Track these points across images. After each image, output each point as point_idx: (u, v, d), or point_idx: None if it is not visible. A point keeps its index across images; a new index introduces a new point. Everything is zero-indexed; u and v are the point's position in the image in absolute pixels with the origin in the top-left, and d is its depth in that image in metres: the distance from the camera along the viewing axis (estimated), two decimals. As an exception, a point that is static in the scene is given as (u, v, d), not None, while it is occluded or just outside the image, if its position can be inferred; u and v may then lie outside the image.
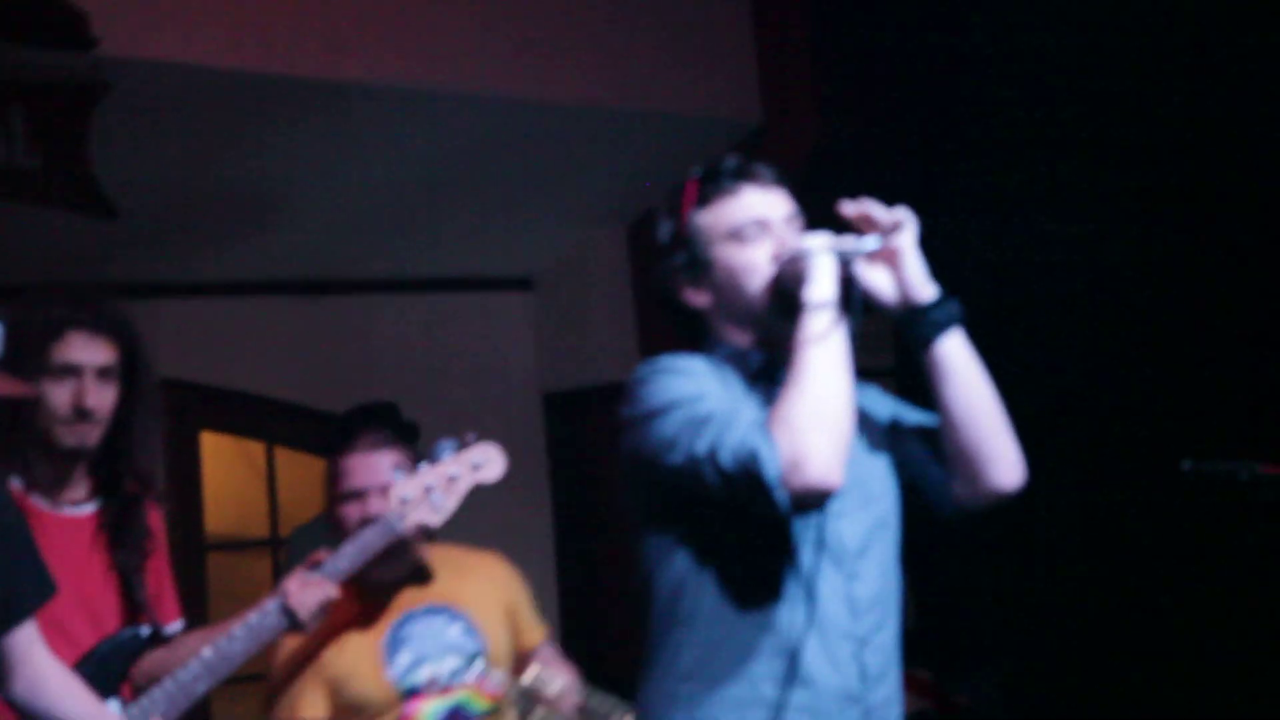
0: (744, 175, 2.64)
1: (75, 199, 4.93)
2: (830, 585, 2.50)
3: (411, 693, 3.50)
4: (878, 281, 2.59)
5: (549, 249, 6.77)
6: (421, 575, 3.66)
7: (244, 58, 4.89)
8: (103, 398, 3.18)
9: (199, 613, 6.16)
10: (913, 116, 5.97)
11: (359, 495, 3.60)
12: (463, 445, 3.58)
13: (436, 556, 3.69)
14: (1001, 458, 2.58)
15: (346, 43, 5.12)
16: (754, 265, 2.58)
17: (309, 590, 3.33)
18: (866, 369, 6.61)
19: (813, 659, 2.47)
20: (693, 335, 2.68)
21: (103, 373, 3.19)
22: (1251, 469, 3.47)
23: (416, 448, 3.76)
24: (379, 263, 6.51)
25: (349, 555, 3.42)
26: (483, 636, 3.61)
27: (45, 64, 4.67)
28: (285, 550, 5.49)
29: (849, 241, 2.51)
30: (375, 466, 3.63)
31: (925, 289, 2.57)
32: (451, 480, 3.52)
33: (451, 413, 5.42)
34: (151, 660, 3.32)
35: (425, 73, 5.31)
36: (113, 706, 3.00)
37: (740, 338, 2.62)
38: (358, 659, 3.51)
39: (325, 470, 3.70)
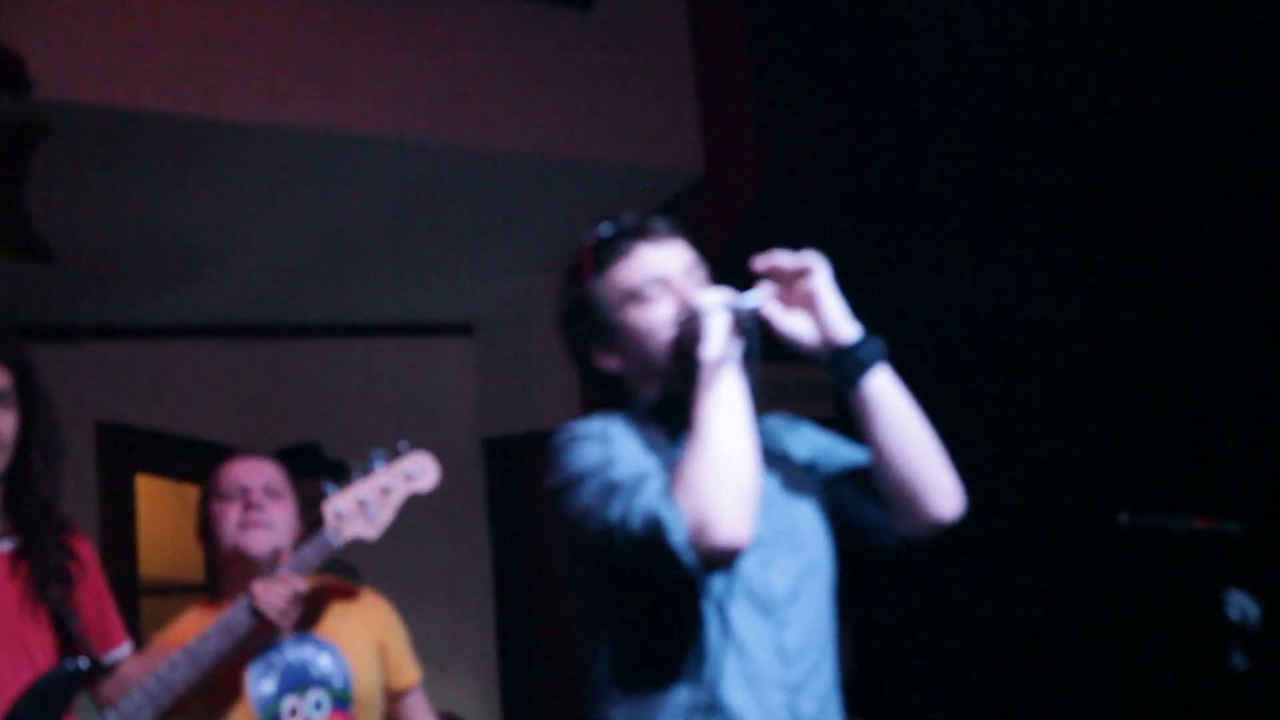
0: (637, 234, 2.61)
1: (10, 242, 4.90)
2: (758, 635, 2.47)
3: None
4: (797, 327, 2.57)
5: (491, 294, 6.76)
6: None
7: (178, 101, 4.87)
8: (2, 423, 3.12)
9: (132, 659, 6.08)
10: (857, 165, 6.01)
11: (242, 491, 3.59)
12: (394, 456, 3.54)
13: (314, 587, 3.57)
14: (938, 488, 2.55)
15: (281, 88, 5.12)
16: (656, 325, 2.55)
17: (274, 588, 3.31)
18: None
19: (743, 712, 2.44)
20: (613, 396, 2.65)
21: None
22: (1187, 523, 3.47)
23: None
24: (316, 307, 6.50)
25: (295, 568, 3.39)
26: (351, 670, 3.55)
27: (-20, 107, 4.65)
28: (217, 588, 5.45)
29: (739, 296, 2.49)
30: (254, 470, 3.64)
31: (846, 329, 2.55)
32: (385, 492, 3.48)
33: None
34: (115, 682, 3.30)
35: (361, 119, 5.31)
36: None
37: (656, 395, 2.59)
38: (220, 684, 3.42)
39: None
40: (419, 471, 3.53)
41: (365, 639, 3.62)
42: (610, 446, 2.47)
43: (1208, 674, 5.34)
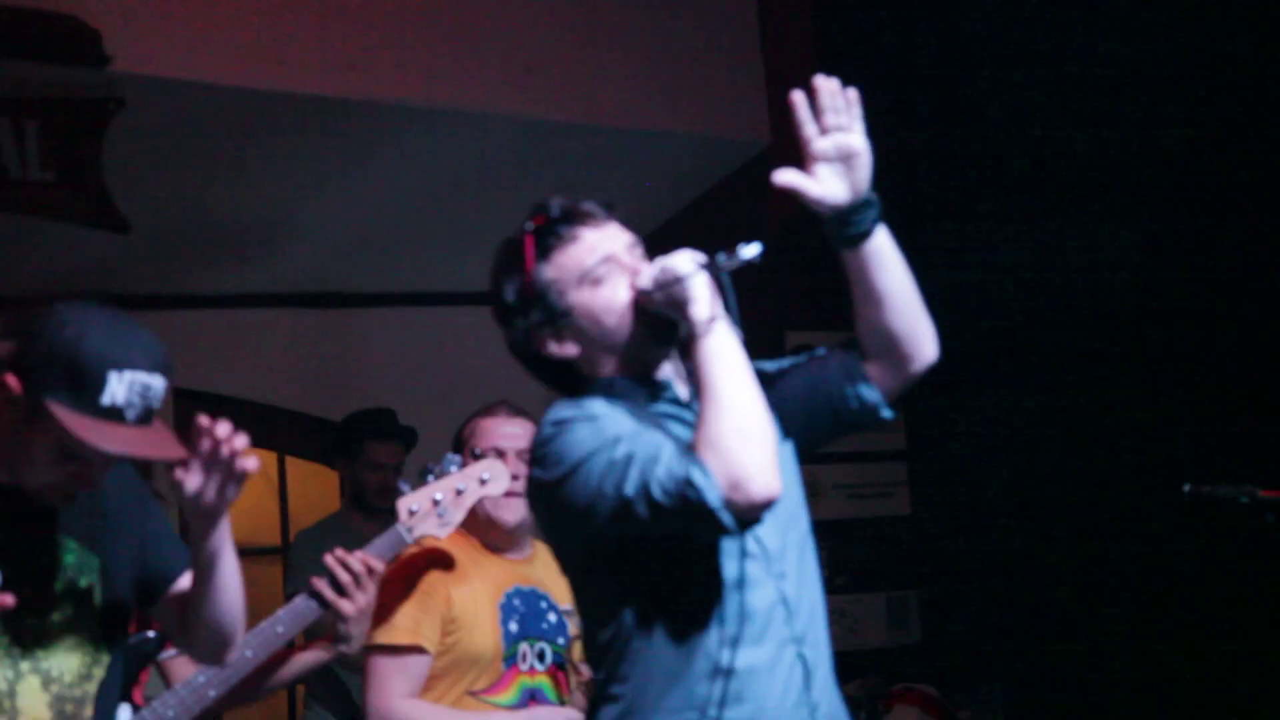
0: (577, 218, 2.63)
1: (88, 213, 4.96)
2: (763, 591, 2.49)
3: (509, 661, 3.62)
4: (822, 184, 2.63)
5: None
6: (523, 549, 3.78)
7: (252, 75, 4.90)
8: None
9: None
10: (922, 135, 5.96)
11: (499, 454, 3.70)
12: (471, 458, 3.66)
13: (541, 556, 3.76)
14: (926, 331, 2.63)
15: (353, 61, 5.13)
16: (614, 302, 2.56)
17: (348, 562, 3.39)
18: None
19: (753, 673, 2.46)
20: (566, 384, 2.63)
21: None
22: (1253, 493, 3.45)
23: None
24: (387, 277, 6.52)
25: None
26: (569, 631, 3.70)
27: (59, 81, 4.70)
28: (292, 552, 5.52)
29: (723, 256, 2.51)
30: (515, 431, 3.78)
31: (866, 187, 2.61)
32: (459, 494, 3.56)
33: (453, 424, 5.40)
34: (184, 661, 3.41)
35: (432, 91, 5.31)
36: (124, 713, 2.99)
37: (617, 372, 2.59)
38: (479, 610, 3.61)
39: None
40: (491, 475, 3.61)
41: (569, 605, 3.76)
42: (604, 424, 2.45)
43: (1273, 642, 5.33)
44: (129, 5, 4.70)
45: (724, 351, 2.42)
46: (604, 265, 2.58)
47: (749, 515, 2.33)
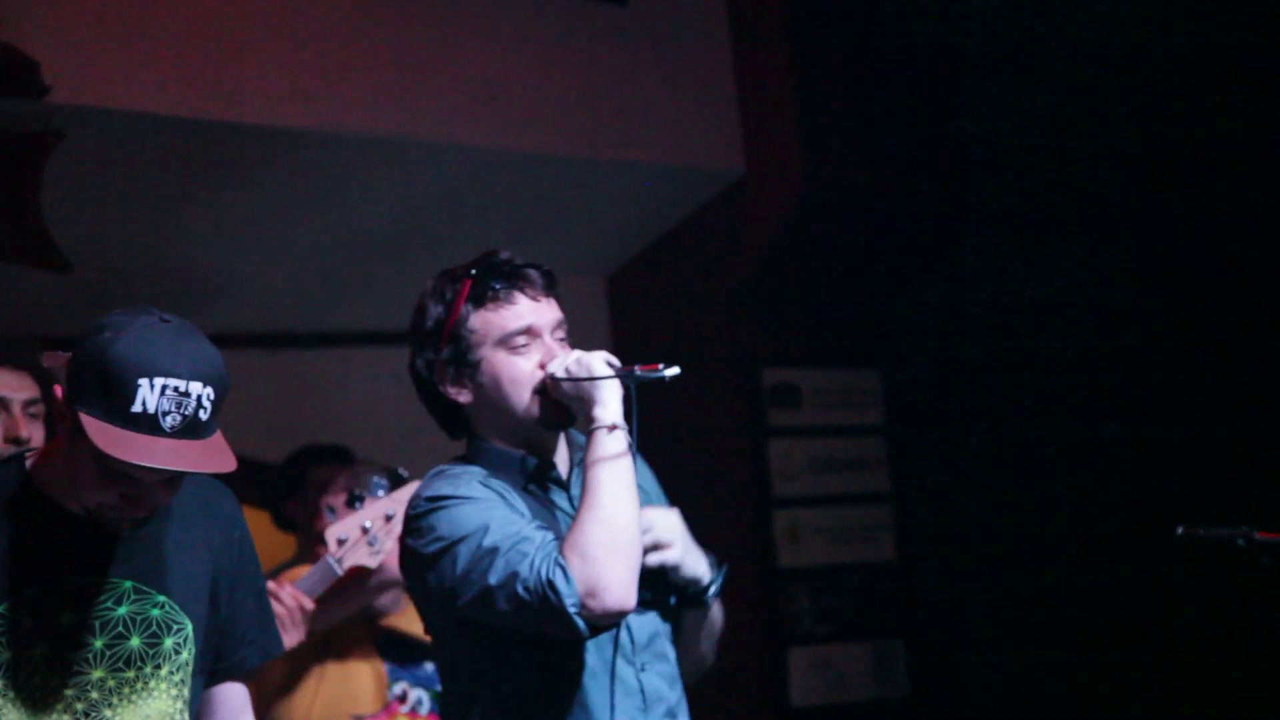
0: (519, 282, 2.79)
1: (26, 253, 4.90)
2: (625, 685, 2.71)
3: (391, 696, 3.73)
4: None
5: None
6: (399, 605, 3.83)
7: (199, 106, 4.88)
8: (34, 430, 3.21)
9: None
10: (904, 163, 5.98)
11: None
12: (397, 481, 3.69)
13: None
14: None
15: (306, 90, 5.10)
16: (522, 375, 2.75)
17: (280, 596, 3.44)
18: (855, 426, 6.57)
19: None
20: (448, 424, 2.87)
21: (29, 405, 3.24)
22: (1249, 535, 3.44)
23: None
24: (347, 315, 6.48)
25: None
26: None
27: (-5, 112, 4.66)
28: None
29: (639, 369, 2.69)
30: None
31: (699, 573, 2.83)
32: (389, 519, 3.57)
33: (422, 467, 5.36)
34: None
35: (390, 120, 5.30)
36: None
37: (502, 440, 2.80)
38: (354, 665, 3.73)
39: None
40: None
41: None
42: (479, 508, 2.64)
43: (1267, 684, 5.32)
44: (69, 33, 4.66)
45: (614, 462, 2.61)
46: (525, 336, 2.76)
47: (602, 624, 2.55)
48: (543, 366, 2.75)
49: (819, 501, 6.12)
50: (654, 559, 2.73)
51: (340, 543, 3.54)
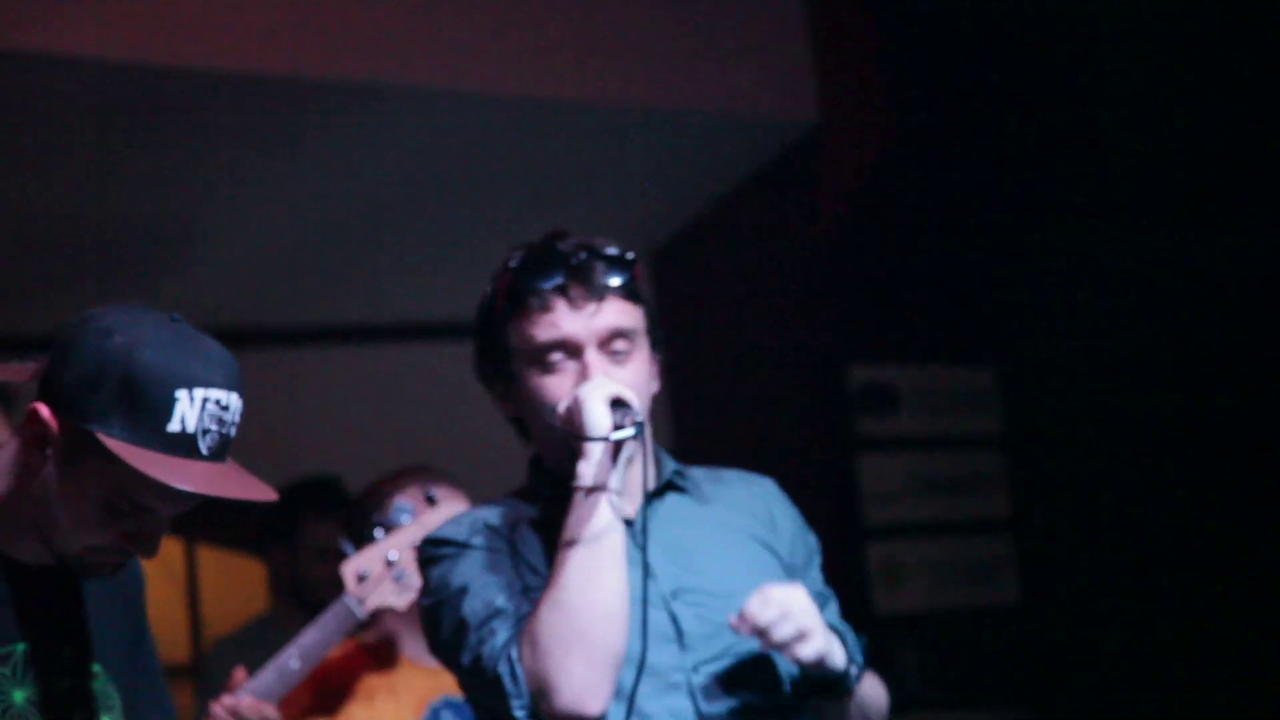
0: (564, 281, 2.82)
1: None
2: None
3: None
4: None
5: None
6: None
7: (149, 48, 4.89)
8: None
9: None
10: (1018, 110, 5.97)
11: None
12: (426, 504, 3.70)
13: None
14: None
15: (280, 25, 5.12)
16: (550, 400, 2.80)
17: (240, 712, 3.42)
18: (966, 436, 6.55)
19: None
20: (518, 430, 2.95)
21: None
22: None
23: None
24: (327, 305, 6.56)
25: (301, 653, 3.53)
26: None
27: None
28: (208, 664, 5.52)
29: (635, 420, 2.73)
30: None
31: (839, 656, 2.80)
32: (417, 550, 3.57)
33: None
34: None
35: (389, 63, 5.32)
36: None
37: (553, 463, 2.87)
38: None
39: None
40: None
41: None
42: (467, 565, 2.77)
43: None
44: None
45: (589, 532, 2.68)
46: (560, 352, 2.80)
47: None
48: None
49: (923, 530, 6.13)
50: (797, 653, 2.72)
51: (360, 579, 3.57)
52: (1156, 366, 5.89)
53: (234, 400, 2.40)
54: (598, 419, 2.71)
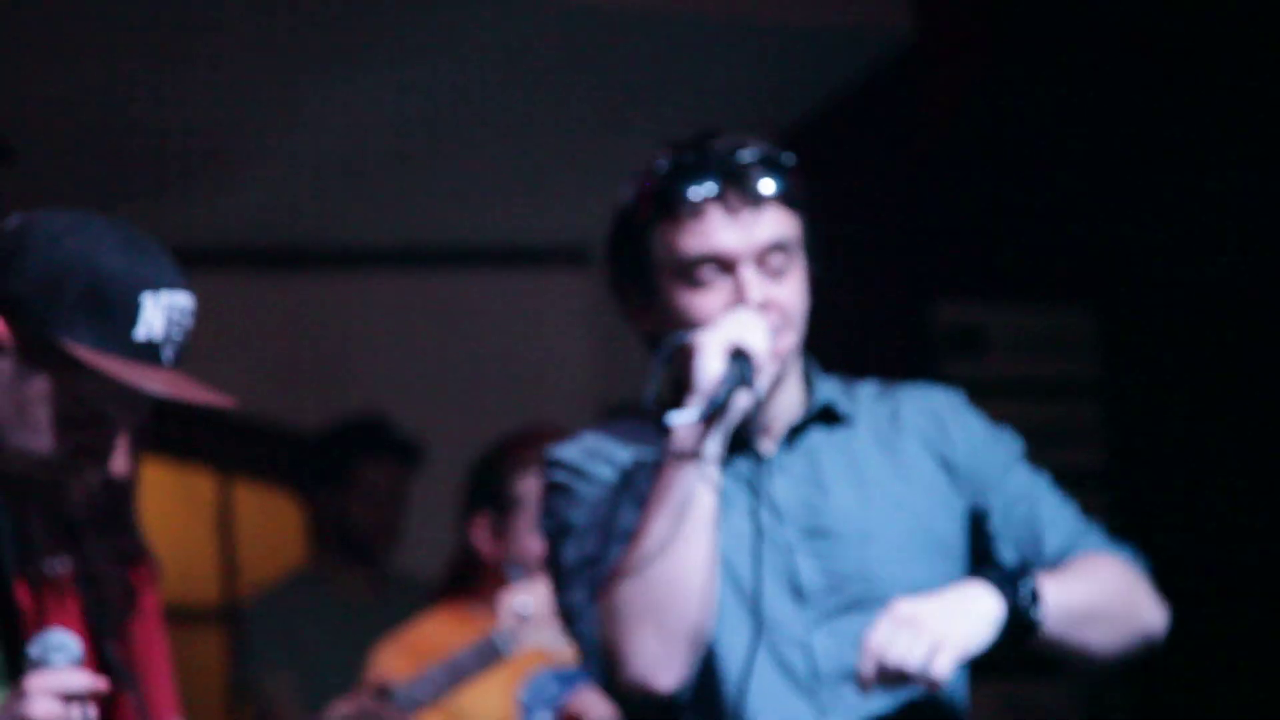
0: (719, 187, 2.71)
1: (-47, 135, 4.92)
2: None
3: None
4: None
5: (612, 208, 6.70)
6: None
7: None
8: None
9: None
10: (1113, 32, 5.88)
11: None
12: None
13: None
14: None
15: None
16: (703, 317, 2.70)
17: None
18: (1060, 382, 6.52)
19: None
20: (648, 348, 2.83)
21: None
22: None
23: None
24: (374, 227, 6.53)
25: (434, 683, 3.68)
26: None
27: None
28: (250, 626, 5.49)
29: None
30: None
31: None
32: None
33: (473, 434, 5.39)
34: None
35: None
36: None
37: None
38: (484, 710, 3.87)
39: None
40: None
41: None
42: (571, 503, 2.74)
43: None
44: None
45: (672, 503, 2.61)
46: (711, 267, 2.70)
47: (632, 697, 2.65)
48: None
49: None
50: (934, 673, 2.62)
51: (521, 617, 3.62)
52: (1273, 308, 5.76)
53: (191, 303, 2.46)
54: (707, 375, 2.63)
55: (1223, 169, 5.94)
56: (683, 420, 2.62)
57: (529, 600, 3.61)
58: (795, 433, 2.79)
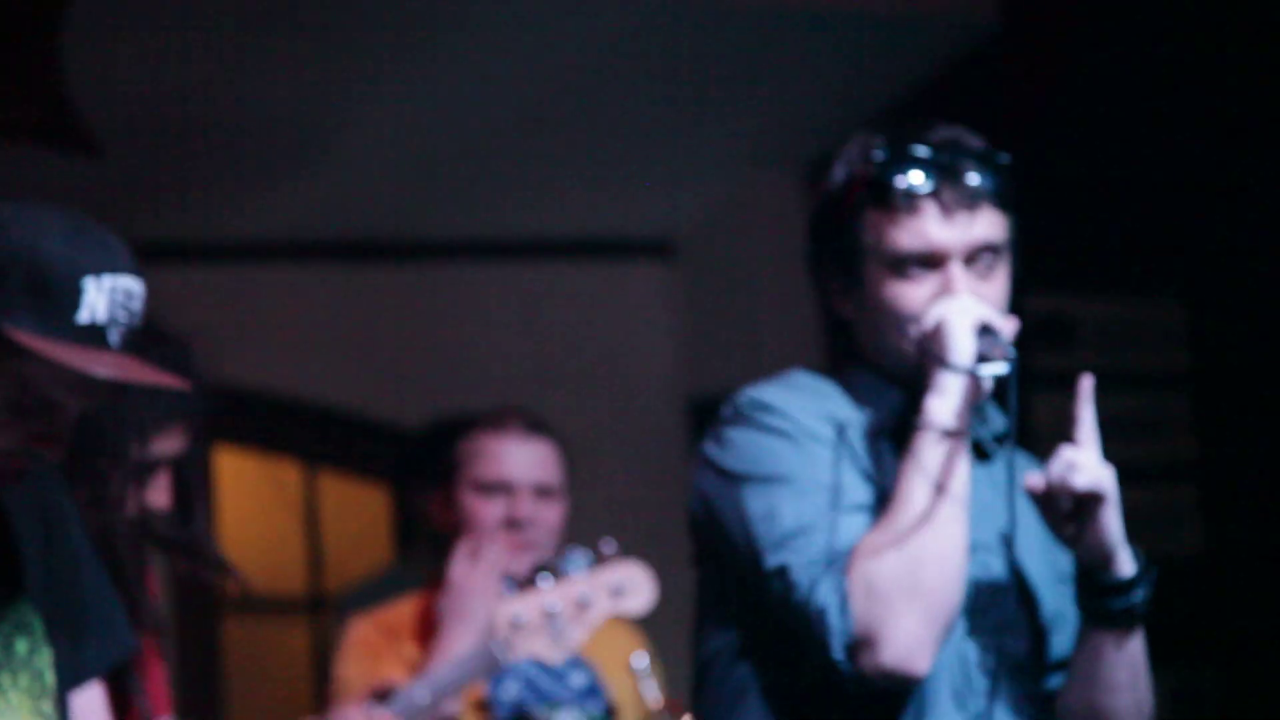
0: (939, 184, 2.71)
1: (45, 129, 4.97)
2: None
3: None
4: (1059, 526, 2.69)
5: (697, 200, 6.73)
6: None
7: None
8: None
9: (211, 697, 6.16)
10: (1205, 19, 5.82)
11: (505, 489, 3.98)
12: (599, 559, 3.77)
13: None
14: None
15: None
16: (905, 310, 2.72)
17: None
18: (1151, 374, 6.49)
19: None
20: (843, 344, 2.86)
21: None
22: None
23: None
24: (460, 219, 6.58)
25: (433, 689, 3.64)
26: (610, 696, 3.96)
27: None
28: (337, 617, 5.53)
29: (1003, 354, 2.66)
30: (530, 459, 4.05)
31: (1123, 562, 2.69)
32: (581, 607, 3.71)
33: (562, 429, 5.41)
34: None
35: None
36: None
37: (883, 369, 2.80)
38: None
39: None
40: (629, 585, 3.77)
41: (624, 666, 3.98)
42: (794, 452, 2.68)
43: None
44: None
45: (934, 478, 2.61)
46: (921, 263, 2.71)
47: (877, 681, 2.57)
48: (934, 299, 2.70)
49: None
50: (1071, 480, 2.66)
51: (515, 626, 3.63)
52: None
53: (139, 288, 2.40)
54: (963, 348, 2.63)
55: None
56: (988, 372, 2.63)
57: (522, 611, 3.64)
58: (976, 445, 2.78)
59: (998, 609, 2.71)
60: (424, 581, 4.35)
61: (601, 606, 3.69)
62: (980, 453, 2.80)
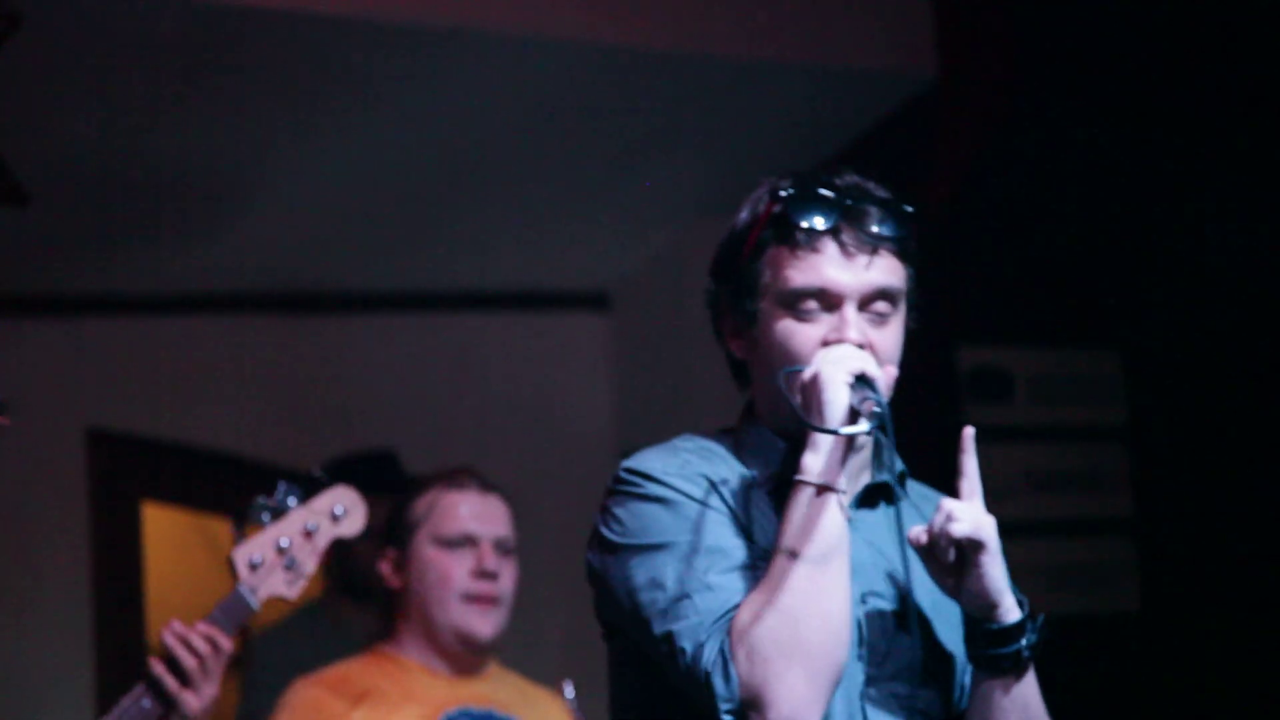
0: (839, 223, 2.76)
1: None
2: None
3: None
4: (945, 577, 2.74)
5: (633, 251, 6.76)
6: (471, 666, 4.15)
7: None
8: None
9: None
10: (1155, 66, 5.90)
11: (470, 543, 4.10)
12: (311, 488, 3.84)
13: (494, 672, 4.23)
14: None
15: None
16: (795, 350, 2.75)
17: (193, 638, 3.61)
18: (1088, 427, 6.52)
19: None
20: (736, 376, 2.92)
21: None
22: None
23: None
24: (396, 271, 6.61)
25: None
26: None
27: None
28: (254, 659, 5.54)
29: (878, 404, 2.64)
30: (489, 515, 4.17)
31: (1007, 607, 2.74)
32: (308, 534, 3.77)
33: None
34: None
35: (487, 8, 5.33)
36: None
37: (773, 418, 2.84)
38: None
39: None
40: (345, 507, 3.84)
41: None
42: (672, 516, 2.72)
43: None
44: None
45: (817, 538, 2.61)
46: (816, 301, 2.75)
47: None
48: (826, 345, 2.73)
49: (1038, 530, 6.06)
50: (951, 529, 2.68)
51: (252, 567, 3.69)
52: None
53: None
54: (837, 403, 2.64)
55: (1251, 210, 5.98)
56: (853, 432, 2.62)
57: (259, 553, 3.68)
58: (873, 492, 2.84)
59: (895, 657, 2.74)
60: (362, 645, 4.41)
61: (325, 531, 3.76)
62: (882, 498, 2.84)
